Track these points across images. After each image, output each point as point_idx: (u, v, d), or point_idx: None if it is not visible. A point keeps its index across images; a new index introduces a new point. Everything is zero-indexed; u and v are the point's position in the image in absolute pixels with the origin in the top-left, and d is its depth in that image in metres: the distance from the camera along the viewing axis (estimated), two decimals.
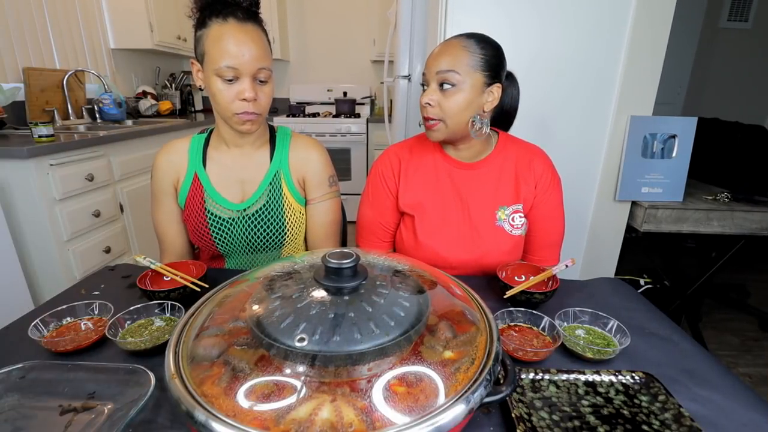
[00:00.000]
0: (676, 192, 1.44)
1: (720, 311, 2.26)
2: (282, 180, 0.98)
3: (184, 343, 0.50)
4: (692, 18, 3.36)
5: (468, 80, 0.84)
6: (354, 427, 0.40)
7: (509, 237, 0.94)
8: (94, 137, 1.84)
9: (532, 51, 1.37)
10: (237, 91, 0.82)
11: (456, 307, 0.61)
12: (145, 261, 0.80)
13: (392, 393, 0.45)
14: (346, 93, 3.76)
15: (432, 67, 0.86)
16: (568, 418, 0.52)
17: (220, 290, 0.60)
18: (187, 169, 0.96)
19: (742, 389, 0.59)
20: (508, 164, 0.96)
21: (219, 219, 0.95)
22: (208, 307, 0.56)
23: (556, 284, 0.78)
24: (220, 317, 0.54)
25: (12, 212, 1.56)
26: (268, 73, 0.84)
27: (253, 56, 0.80)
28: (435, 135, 0.91)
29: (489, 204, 0.95)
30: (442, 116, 0.87)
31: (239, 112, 0.84)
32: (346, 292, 0.50)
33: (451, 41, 0.87)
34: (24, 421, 0.49)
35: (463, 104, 0.85)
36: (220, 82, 0.81)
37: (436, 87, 0.86)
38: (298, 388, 0.45)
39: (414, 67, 2.13)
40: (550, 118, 1.43)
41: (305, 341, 0.44)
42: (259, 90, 0.84)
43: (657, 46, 1.34)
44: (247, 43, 0.79)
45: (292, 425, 0.40)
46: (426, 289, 0.57)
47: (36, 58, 2.19)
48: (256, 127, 0.89)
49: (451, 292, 0.60)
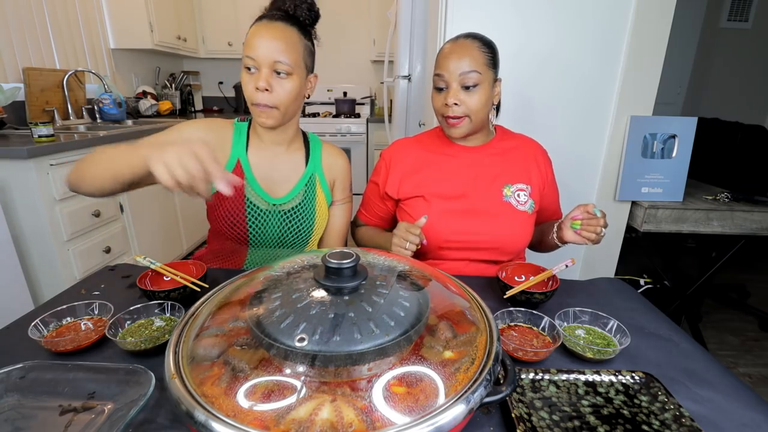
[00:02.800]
0: (676, 192, 1.44)
1: (720, 311, 2.26)
2: (317, 182, 1.03)
3: (184, 343, 0.50)
4: (692, 18, 3.36)
5: (486, 78, 0.92)
6: (354, 427, 0.40)
7: (517, 212, 1.00)
8: (94, 137, 1.85)
9: (532, 51, 1.37)
10: (255, 80, 0.86)
11: (456, 307, 0.61)
12: (145, 261, 0.80)
13: (392, 393, 0.45)
14: (346, 93, 3.76)
15: (453, 69, 0.91)
16: (568, 418, 0.52)
17: (220, 290, 0.60)
18: (231, 153, 0.97)
19: (742, 389, 0.59)
20: (509, 148, 1.05)
21: (257, 209, 0.97)
22: (208, 307, 0.56)
23: (556, 284, 0.78)
24: (220, 317, 0.54)
25: (12, 212, 1.56)
26: (289, 68, 0.86)
27: (271, 48, 0.84)
28: (459, 131, 0.97)
29: (495, 182, 1.01)
30: (467, 113, 0.93)
31: (255, 102, 0.88)
32: (346, 292, 0.50)
33: (464, 42, 0.92)
34: (24, 421, 0.49)
35: (485, 100, 0.93)
36: (245, 73, 0.88)
37: (459, 87, 0.92)
38: (298, 388, 0.45)
39: (414, 67, 2.13)
40: (550, 118, 1.43)
41: (305, 341, 0.44)
42: (277, 82, 0.87)
43: (657, 46, 1.34)
44: (267, 36, 0.85)
45: (292, 425, 0.40)
46: (426, 289, 0.57)
47: (36, 58, 2.19)
48: (272, 121, 0.90)
49: (451, 292, 0.60)
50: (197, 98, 3.78)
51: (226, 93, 3.85)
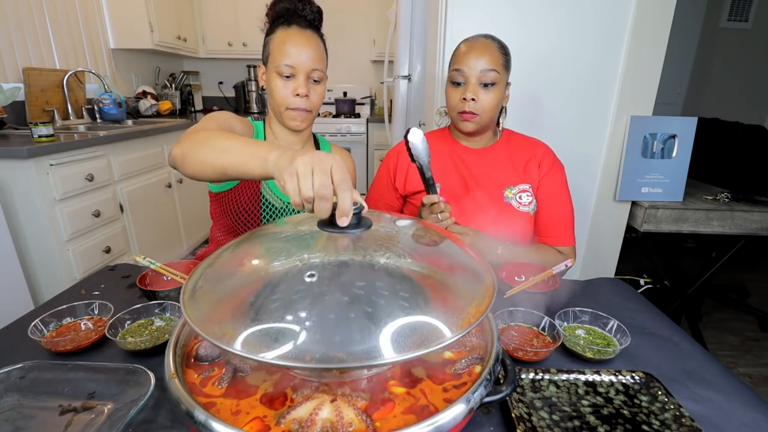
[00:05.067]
0: (676, 192, 1.44)
1: (720, 311, 2.26)
2: None
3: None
4: (692, 18, 3.36)
5: (502, 79, 0.95)
6: (354, 426, 0.40)
7: (517, 213, 1.00)
8: (94, 137, 1.84)
9: (532, 51, 1.37)
10: (292, 87, 0.91)
11: None
12: (145, 261, 0.80)
13: (392, 393, 0.45)
14: (346, 93, 3.76)
15: (474, 65, 0.93)
16: (568, 418, 0.52)
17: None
18: None
19: (742, 389, 0.59)
20: (513, 150, 1.05)
21: (272, 206, 1.00)
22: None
23: (556, 284, 0.78)
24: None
25: (12, 212, 1.56)
26: (321, 74, 0.94)
27: (309, 57, 0.90)
28: (470, 126, 0.98)
29: (497, 184, 1.02)
30: (480, 110, 0.95)
31: (292, 107, 0.93)
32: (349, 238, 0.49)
33: (484, 41, 0.94)
34: (24, 421, 0.49)
35: (498, 100, 0.95)
36: (278, 79, 0.91)
37: (477, 84, 0.94)
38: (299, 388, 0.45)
39: (414, 67, 2.13)
40: (551, 118, 1.43)
41: (314, 277, 0.43)
42: (312, 89, 0.93)
43: (657, 46, 1.34)
44: (304, 45, 0.90)
45: (292, 425, 0.40)
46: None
47: (36, 58, 2.19)
48: (305, 124, 0.97)
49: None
50: (197, 98, 3.77)
51: (226, 93, 3.84)
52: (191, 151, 0.72)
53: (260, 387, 0.46)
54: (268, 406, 0.43)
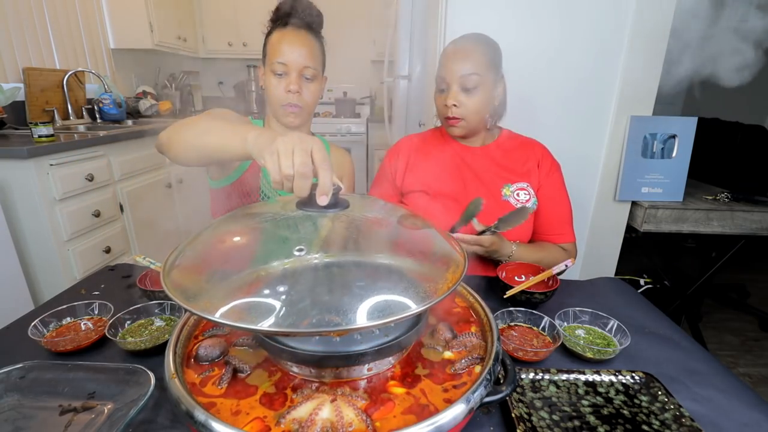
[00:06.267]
0: (676, 192, 1.44)
1: (720, 311, 2.26)
2: None
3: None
4: None
5: (486, 80, 0.94)
6: (354, 426, 0.40)
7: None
8: (94, 137, 1.84)
9: (532, 51, 1.37)
10: (285, 84, 0.94)
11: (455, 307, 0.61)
12: (145, 261, 0.80)
13: (392, 393, 0.45)
14: (346, 93, 3.76)
15: (455, 70, 0.93)
16: (568, 418, 0.52)
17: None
18: None
19: (742, 389, 0.59)
20: (511, 149, 1.06)
21: (270, 200, 1.01)
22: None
23: (556, 284, 0.78)
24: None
25: (12, 212, 1.56)
26: (314, 72, 0.96)
27: (301, 55, 0.93)
28: (457, 131, 1.00)
29: (495, 182, 1.03)
30: (464, 115, 0.96)
31: (284, 103, 0.95)
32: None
33: (465, 45, 0.94)
34: (24, 421, 0.49)
35: (484, 102, 0.96)
36: (273, 77, 0.95)
37: (459, 89, 0.94)
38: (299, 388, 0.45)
39: (414, 67, 2.13)
40: (550, 118, 1.43)
41: (303, 251, 0.44)
42: (305, 85, 0.96)
43: (657, 46, 1.34)
44: (297, 44, 0.93)
45: (292, 425, 0.40)
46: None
47: (36, 58, 2.19)
48: (298, 120, 0.98)
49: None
50: (197, 98, 3.77)
51: (226, 93, 3.84)
52: (176, 134, 0.75)
53: (260, 387, 0.46)
54: (268, 406, 0.43)
